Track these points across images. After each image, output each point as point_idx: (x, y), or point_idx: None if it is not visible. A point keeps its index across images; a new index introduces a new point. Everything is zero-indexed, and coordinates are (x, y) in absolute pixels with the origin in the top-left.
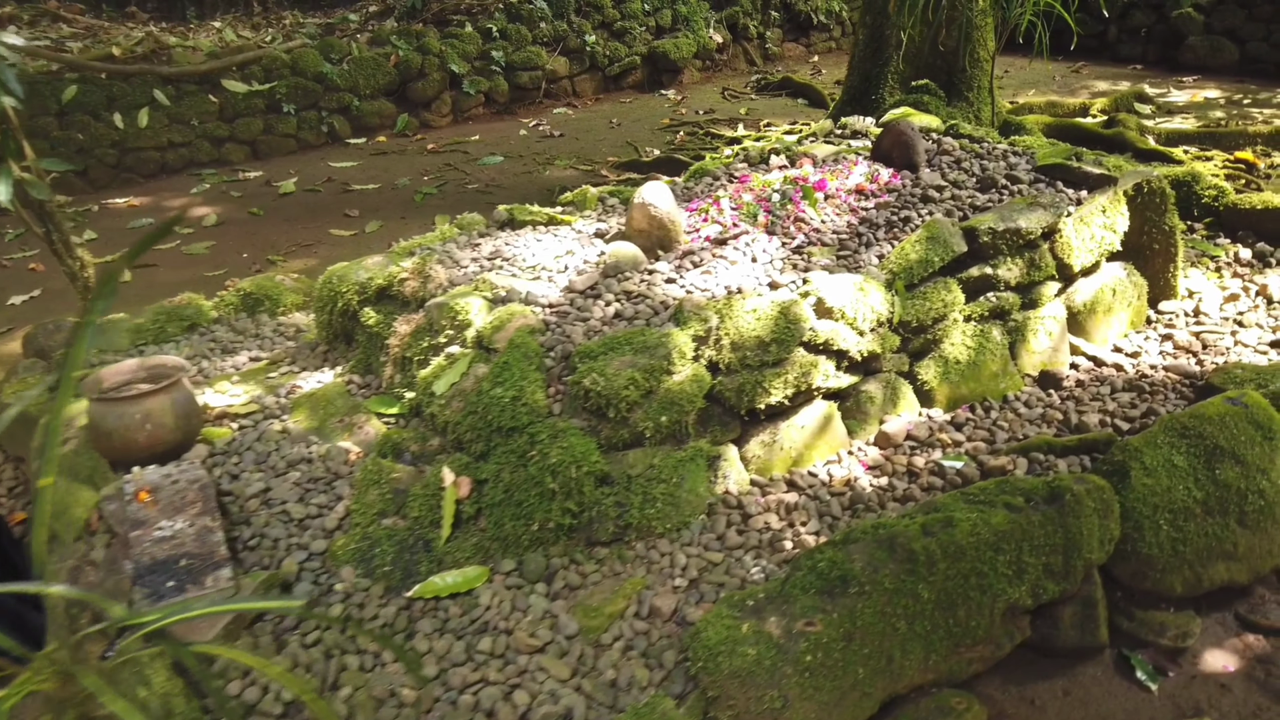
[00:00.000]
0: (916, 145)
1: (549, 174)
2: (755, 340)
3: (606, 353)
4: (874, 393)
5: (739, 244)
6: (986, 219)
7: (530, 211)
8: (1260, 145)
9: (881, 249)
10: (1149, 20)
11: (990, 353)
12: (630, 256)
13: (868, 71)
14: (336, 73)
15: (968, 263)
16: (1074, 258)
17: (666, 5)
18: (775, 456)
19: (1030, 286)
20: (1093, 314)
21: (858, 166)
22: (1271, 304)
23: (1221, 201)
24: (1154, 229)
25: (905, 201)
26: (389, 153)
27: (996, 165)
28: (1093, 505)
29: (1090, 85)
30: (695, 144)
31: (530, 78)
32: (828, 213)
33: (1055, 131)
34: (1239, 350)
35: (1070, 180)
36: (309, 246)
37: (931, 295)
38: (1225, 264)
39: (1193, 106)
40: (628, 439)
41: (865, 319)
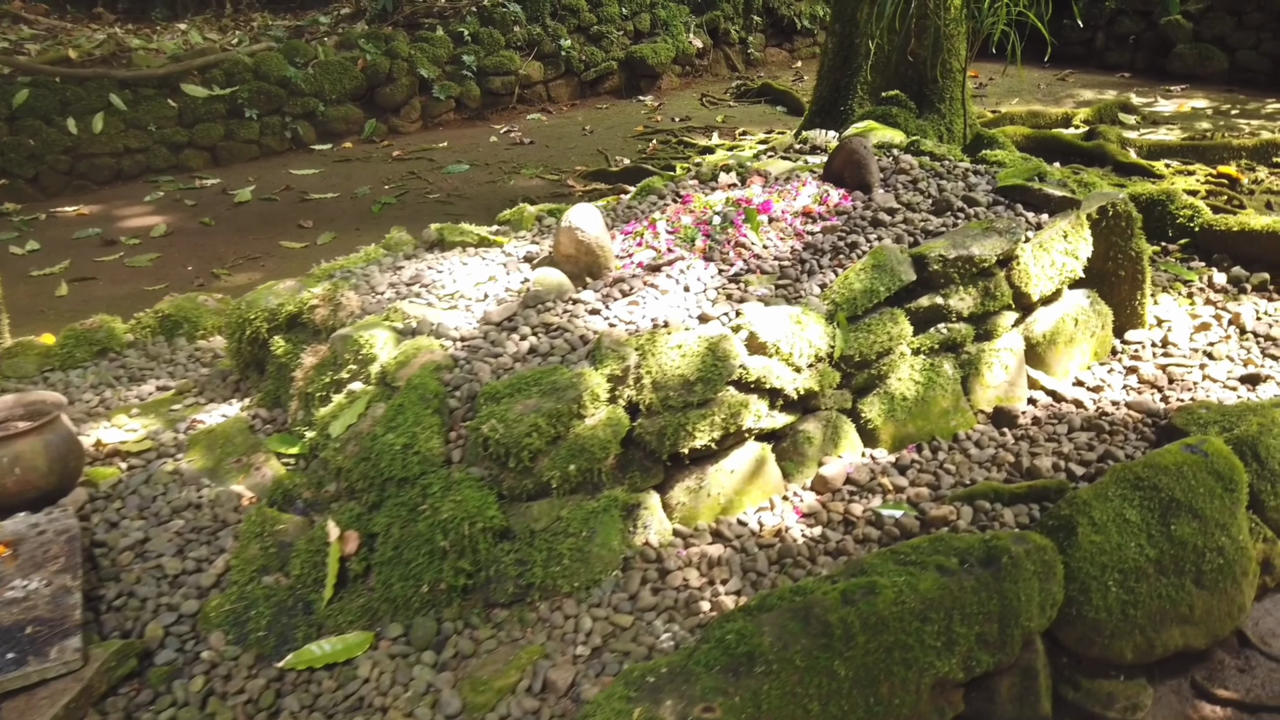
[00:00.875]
0: (869, 165)
1: (514, 184)
2: (679, 379)
3: (513, 394)
4: (813, 433)
5: (673, 271)
6: (937, 246)
7: (461, 232)
8: (1245, 159)
9: (825, 277)
10: (1137, 27)
11: (941, 388)
12: (555, 284)
13: (837, 81)
14: (301, 77)
15: (917, 292)
16: (1032, 286)
17: (645, 9)
18: (702, 504)
19: (985, 317)
20: (1053, 345)
21: (806, 187)
22: (1244, 334)
23: (1197, 222)
24: (1120, 254)
25: (854, 225)
26: (353, 159)
27: (955, 186)
28: (1033, 568)
29: (1076, 94)
30: (667, 153)
31: (503, 83)
32: (771, 237)
33: (1034, 143)
34: (1207, 385)
35: (1031, 203)
36: (256, 259)
37: (876, 327)
38: (1198, 289)
39: (1179, 117)
40: (532, 489)
41: (802, 354)
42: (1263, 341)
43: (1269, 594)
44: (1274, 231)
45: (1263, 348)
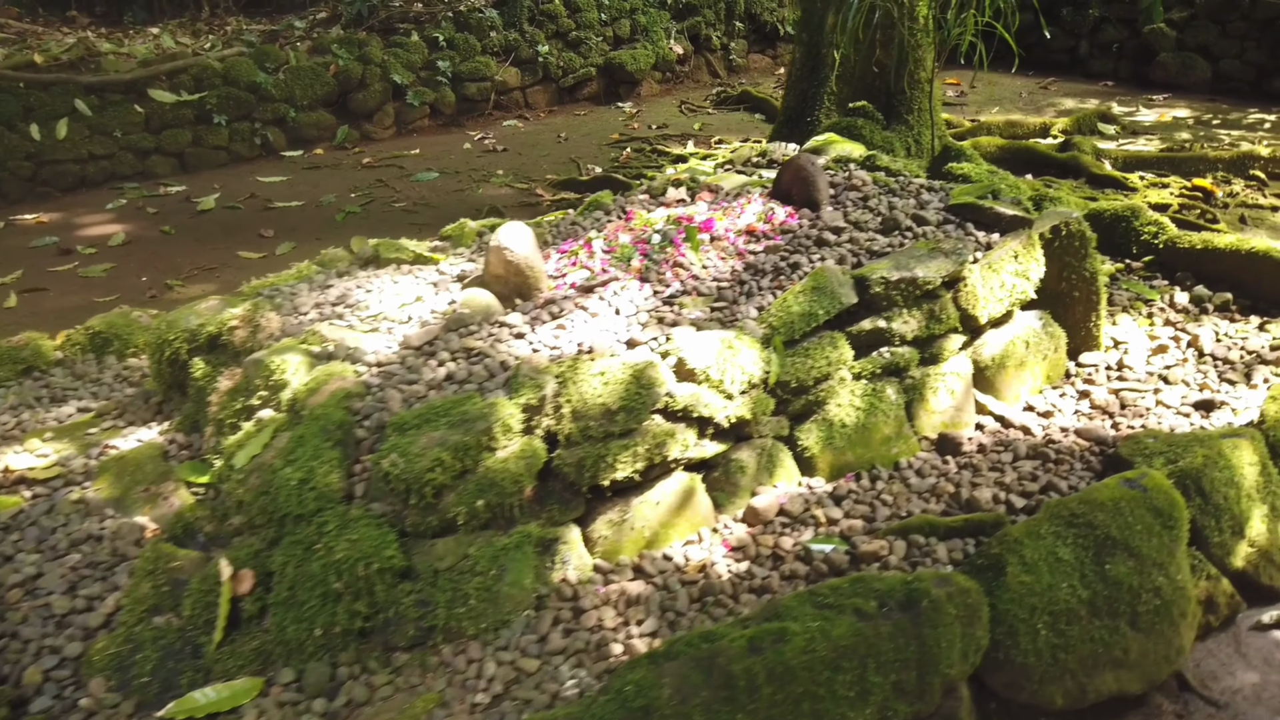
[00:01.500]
0: (817, 181)
1: (482, 192)
2: (600, 408)
3: (421, 425)
4: (746, 461)
5: (606, 293)
6: (880, 267)
7: (397, 248)
8: (1221, 171)
9: (764, 299)
10: (1121, 36)
11: (883, 414)
12: (482, 306)
13: (805, 92)
14: (271, 82)
15: (859, 315)
16: (980, 308)
17: (625, 15)
18: (625, 537)
19: (930, 340)
20: (1002, 369)
21: (752, 205)
22: (1202, 357)
23: (1161, 239)
24: (1074, 275)
25: (798, 245)
26: (323, 167)
27: (906, 203)
28: (955, 612)
29: (1057, 103)
30: (640, 162)
31: (478, 89)
32: (711, 257)
33: (1009, 155)
34: (1160, 412)
35: (982, 222)
36: (212, 270)
37: (815, 352)
38: (1159, 310)
39: (1159, 127)
40: (438, 526)
41: (734, 381)
42: (1220, 365)
43: (1212, 634)
44: (1237, 250)
45: (1220, 371)
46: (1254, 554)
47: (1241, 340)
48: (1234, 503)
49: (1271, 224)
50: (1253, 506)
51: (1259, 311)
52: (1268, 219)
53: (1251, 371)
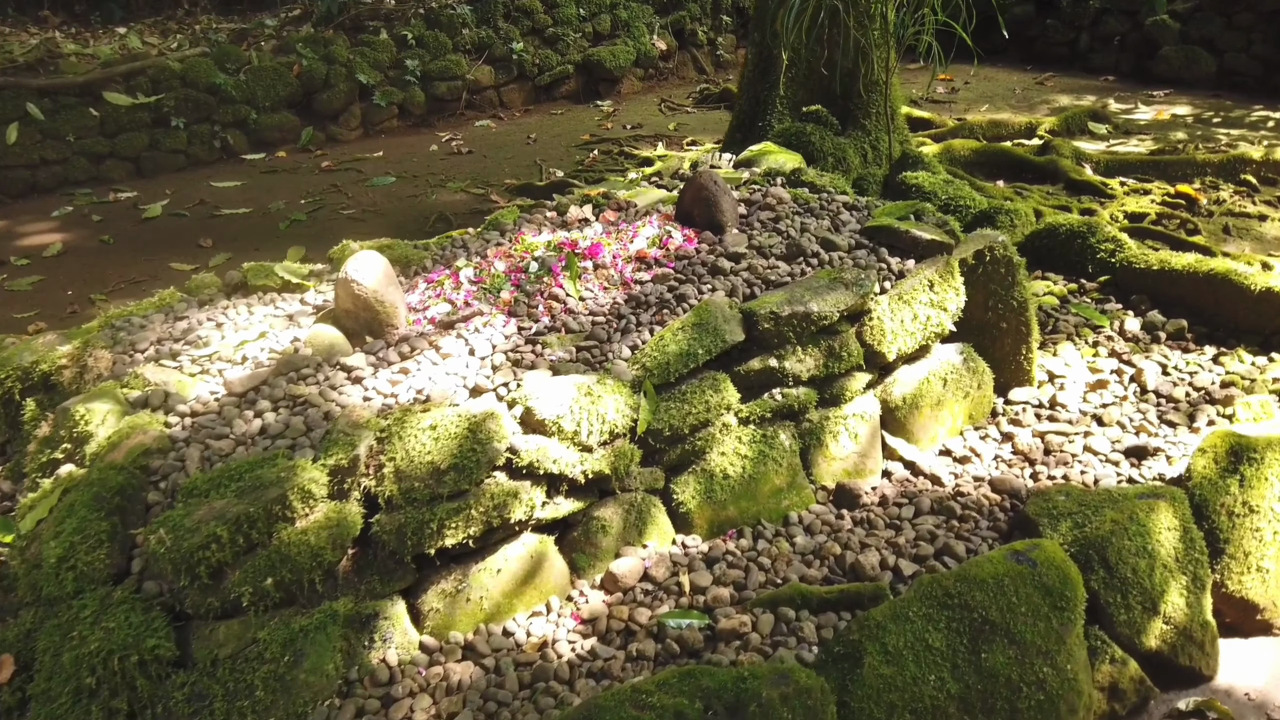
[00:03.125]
0: (720, 202)
1: (436, 198)
2: (428, 467)
3: (210, 491)
4: (610, 520)
5: (467, 329)
6: (771, 300)
7: (266, 273)
8: (1210, 176)
9: (641, 336)
10: (1123, 28)
11: (774, 462)
12: (326, 345)
13: (758, 95)
14: (232, 84)
15: (748, 353)
16: (886, 344)
17: (605, 10)
18: (460, 610)
19: (830, 380)
20: (915, 410)
21: (647, 228)
22: (1144, 394)
23: (1118, 258)
24: (1000, 304)
25: (691, 273)
26: (280, 171)
27: (820, 225)
28: (790, 717)
29: (1052, 100)
30: (604, 165)
31: (449, 88)
32: (592, 288)
33: (983, 158)
34: (1086, 459)
35: (897, 246)
36: (140, 283)
37: (693, 396)
38: (1107, 338)
39: (1155, 126)
40: (220, 608)
41: (593, 431)
42: (1163, 404)
43: None
44: (1195, 272)
45: (1161, 411)
46: (1170, 632)
47: (1190, 375)
48: (1145, 575)
49: (1257, 235)
50: (1169, 578)
51: (1216, 340)
52: (1253, 229)
53: (1196, 412)
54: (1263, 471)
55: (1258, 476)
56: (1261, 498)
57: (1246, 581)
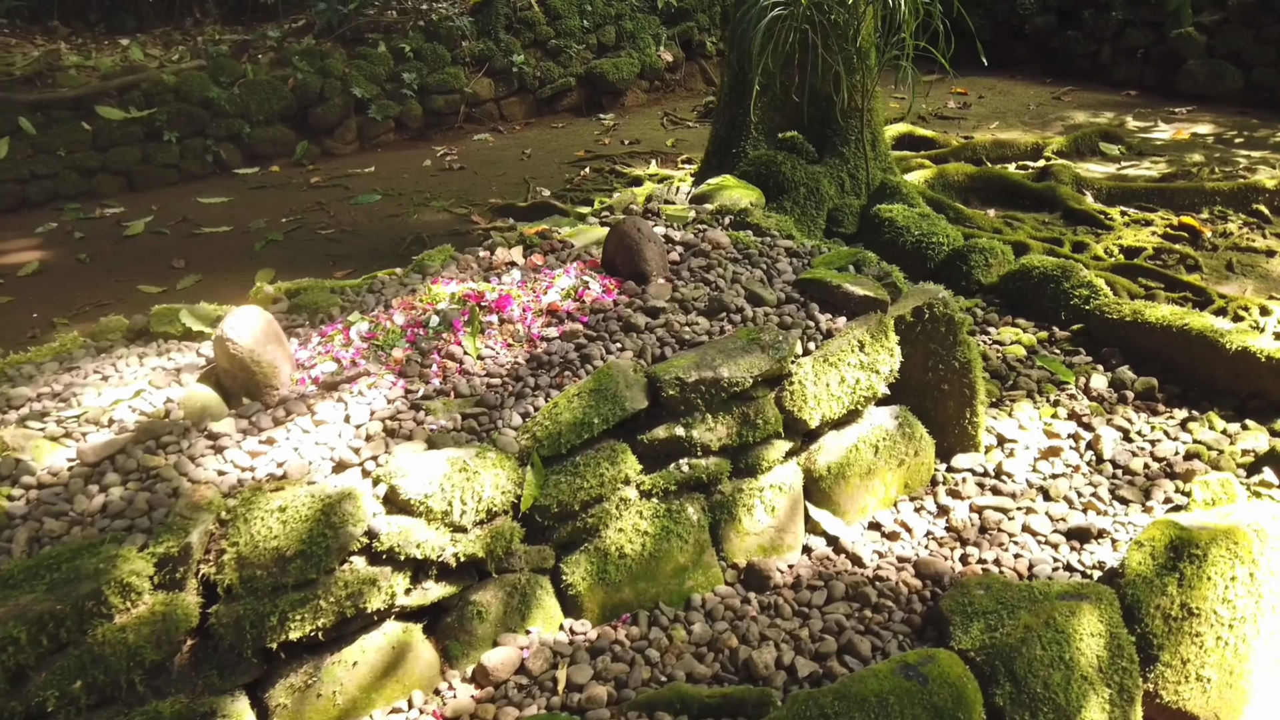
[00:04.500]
0: (643, 251)
1: (417, 218)
2: (272, 554)
3: (28, 581)
4: (489, 604)
5: (352, 390)
6: (678, 364)
7: (170, 319)
8: (1219, 205)
9: (537, 402)
10: (1146, 40)
11: (679, 538)
12: (199, 407)
13: (733, 119)
14: (226, 97)
15: (654, 420)
16: (809, 411)
17: (610, 22)
18: (311, 706)
19: (745, 449)
20: (842, 479)
21: (563, 278)
22: (1100, 464)
23: (1092, 305)
24: (941, 365)
25: (603, 330)
26: (270, 186)
27: (752, 276)
28: None
29: (1067, 117)
30: (592, 184)
31: (446, 101)
32: (494, 345)
33: (979, 184)
34: (1024, 540)
35: (830, 302)
36: (106, 306)
37: (588, 468)
38: (1070, 395)
39: (1171, 146)
40: (23, 713)
41: (467, 510)
42: (1119, 475)
43: None
44: (1169, 326)
45: (1114, 486)
46: None
47: (1152, 444)
48: (1059, 689)
49: (1262, 272)
50: (1088, 691)
51: (1188, 402)
52: (1259, 266)
53: (1153, 488)
54: (1205, 570)
55: (1199, 576)
56: (1203, 599)
57: (1184, 692)
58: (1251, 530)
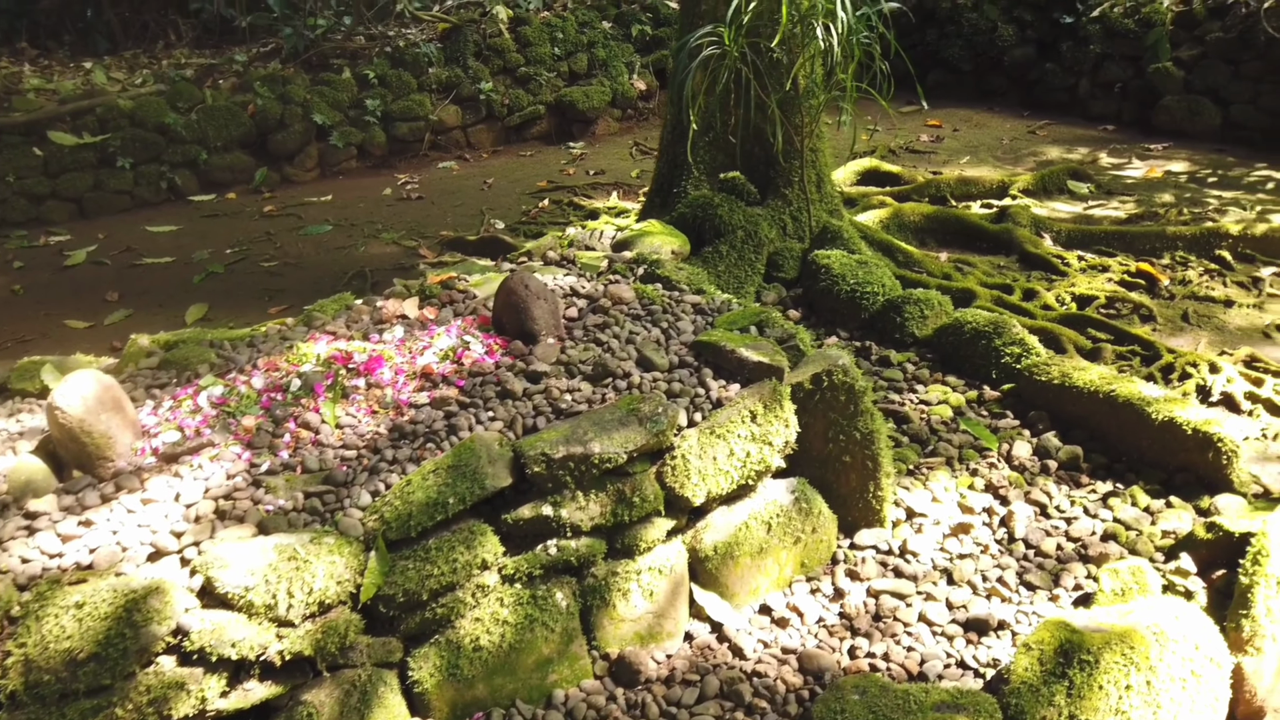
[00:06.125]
0: (531, 310)
1: (365, 251)
2: (63, 656)
3: None
4: (322, 704)
5: (193, 463)
6: (547, 439)
7: (32, 375)
8: (1181, 250)
9: (391, 478)
10: (1125, 74)
11: (544, 627)
12: (23, 481)
13: (675, 158)
14: (182, 123)
15: (519, 499)
16: (692, 487)
17: (582, 49)
18: None
19: (622, 528)
20: (731, 560)
21: (443, 337)
22: (1011, 542)
23: (1023, 364)
24: (843, 436)
25: (477, 397)
26: (222, 215)
27: (649, 336)
28: None
29: (1040, 152)
30: (549, 217)
31: (411, 129)
32: (357, 413)
33: (935, 224)
34: (919, 630)
35: (724, 367)
36: (29, 343)
37: (440, 553)
38: (990, 464)
39: (1142, 185)
40: None
41: (296, 603)
42: (1029, 557)
43: None
44: (1095, 391)
45: (1023, 569)
46: None
47: (1068, 522)
48: None
49: (1219, 324)
50: None
51: (1114, 474)
52: (1216, 317)
53: (1063, 572)
54: (1097, 678)
55: (1090, 684)
56: (1094, 710)
57: None
58: (1150, 633)
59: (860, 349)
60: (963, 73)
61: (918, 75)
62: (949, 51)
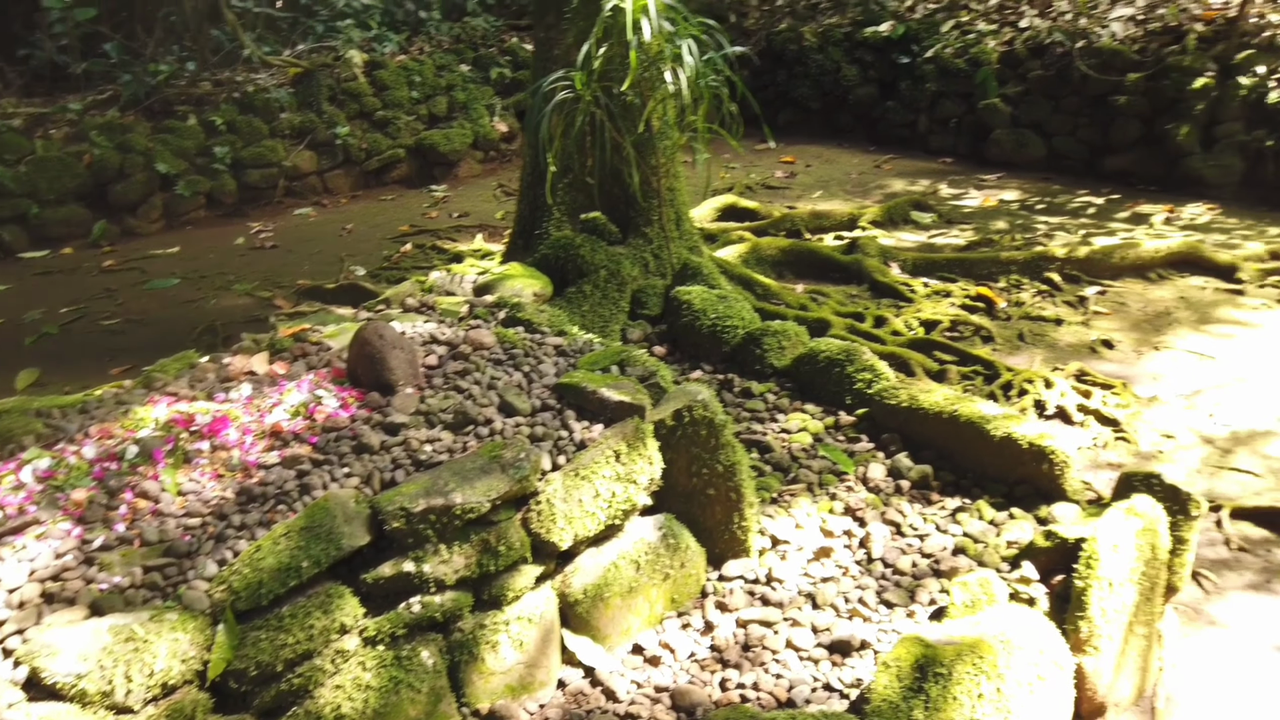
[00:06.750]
0: (387, 360)
1: (216, 304)
2: None
3: None
4: None
5: (16, 544)
6: (406, 492)
7: None
8: (1014, 274)
9: (239, 545)
10: (959, 110)
11: (410, 689)
12: None
13: (536, 199)
14: (10, 176)
15: (379, 557)
16: (559, 531)
17: (441, 93)
18: None
19: (489, 579)
20: (601, 602)
21: (294, 393)
22: (870, 563)
23: (874, 389)
24: (706, 470)
25: (332, 453)
26: (57, 271)
27: (510, 381)
28: None
29: (886, 185)
30: (411, 261)
31: (263, 175)
32: (201, 477)
33: (792, 257)
34: (786, 657)
35: (586, 408)
36: None
37: (294, 621)
38: (848, 487)
39: (980, 214)
40: None
41: (136, 687)
42: (887, 576)
43: None
44: (941, 413)
45: (882, 588)
46: None
47: (921, 539)
48: None
49: (1051, 341)
50: None
51: (961, 490)
52: (1048, 335)
53: (918, 588)
54: (951, 690)
55: (945, 696)
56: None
57: None
58: (998, 642)
59: (723, 381)
60: (812, 111)
61: (771, 114)
62: (798, 91)
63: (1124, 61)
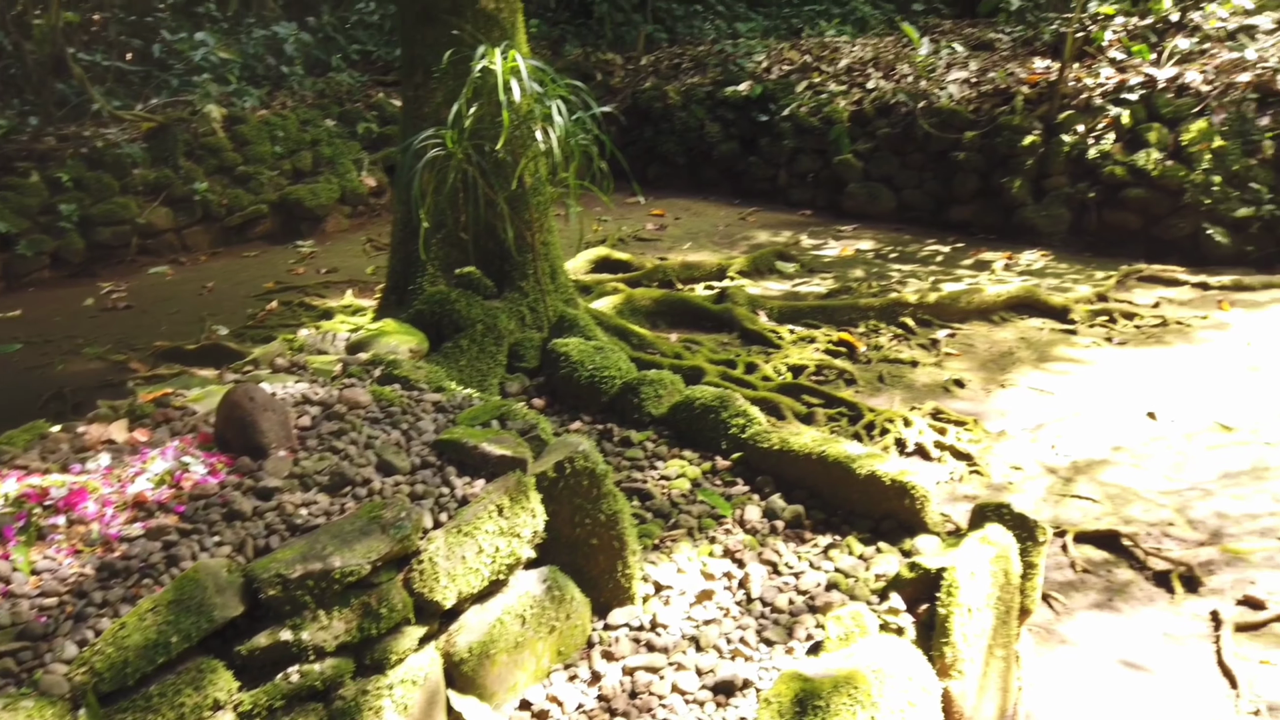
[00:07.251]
0: (258, 423)
1: (64, 369)
2: None
3: None
4: None
5: None
6: (281, 558)
7: None
8: (873, 319)
9: (101, 624)
10: (815, 165)
11: None
12: None
13: (409, 255)
14: None
15: (255, 626)
16: (442, 590)
17: (306, 147)
18: None
19: (370, 643)
20: (488, 659)
21: (158, 461)
22: (750, 602)
23: (748, 433)
24: (588, 519)
25: (201, 522)
26: None
27: (388, 439)
28: None
29: (751, 236)
30: (278, 319)
31: (114, 233)
32: (56, 554)
33: (664, 307)
34: (672, 701)
35: (468, 464)
36: None
37: (163, 700)
38: (726, 530)
39: (839, 263)
40: None
41: None
42: (767, 614)
43: None
44: (810, 454)
45: (761, 626)
46: None
47: (797, 576)
48: None
49: (909, 382)
50: None
51: (832, 528)
52: (905, 376)
53: (796, 625)
54: None
55: None
56: None
57: None
58: (871, 672)
59: (603, 431)
60: (679, 166)
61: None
62: (665, 147)
63: (961, 120)
